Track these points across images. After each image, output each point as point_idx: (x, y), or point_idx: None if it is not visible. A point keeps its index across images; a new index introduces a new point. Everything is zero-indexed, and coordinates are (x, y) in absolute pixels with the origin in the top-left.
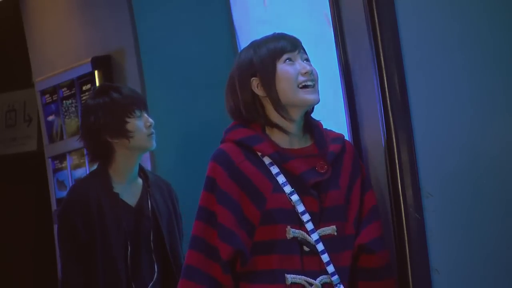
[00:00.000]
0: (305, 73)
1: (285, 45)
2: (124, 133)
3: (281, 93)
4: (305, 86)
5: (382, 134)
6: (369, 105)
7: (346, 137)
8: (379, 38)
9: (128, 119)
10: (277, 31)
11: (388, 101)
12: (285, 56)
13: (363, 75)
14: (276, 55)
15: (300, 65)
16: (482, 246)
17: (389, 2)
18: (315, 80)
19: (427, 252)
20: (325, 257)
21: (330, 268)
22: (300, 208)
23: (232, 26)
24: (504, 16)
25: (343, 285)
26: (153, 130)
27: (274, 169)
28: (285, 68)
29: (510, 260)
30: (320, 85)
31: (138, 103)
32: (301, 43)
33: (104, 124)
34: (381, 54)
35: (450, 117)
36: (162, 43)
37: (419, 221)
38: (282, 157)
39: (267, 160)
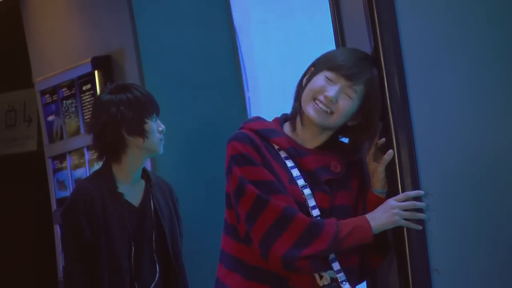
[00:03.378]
0: (325, 96)
1: (341, 67)
2: (142, 132)
3: (303, 98)
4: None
5: (382, 134)
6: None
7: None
8: (379, 38)
9: (146, 120)
10: (278, 33)
11: (388, 101)
12: (328, 74)
13: None
14: (326, 66)
15: (332, 89)
16: (482, 246)
17: (389, 2)
18: (332, 110)
19: (427, 252)
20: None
21: (336, 265)
22: (311, 202)
23: (232, 26)
24: (504, 16)
25: (349, 284)
26: (163, 136)
27: (289, 163)
28: (317, 79)
29: (510, 260)
30: None
31: (156, 107)
32: (364, 80)
33: (125, 119)
34: (381, 54)
35: (450, 117)
36: (162, 43)
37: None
38: (297, 152)
39: (283, 154)
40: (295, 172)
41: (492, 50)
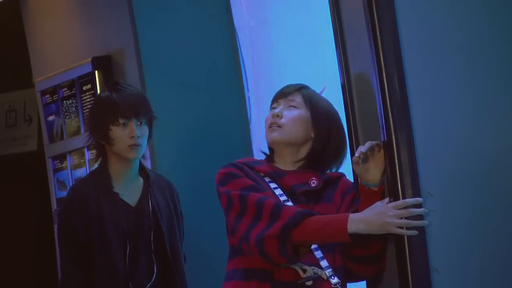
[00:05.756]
0: (272, 115)
1: (276, 93)
2: (106, 139)
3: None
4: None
5: (382, 134)
6: (369, 105)
7: (346, 138)
8: (379, 38)
9: (111, 126)
10: (278, 33)
11: (388, 102)
12: (271, 106)
13: (363, 75)
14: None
15: (276, 109)
16: (482, 246)
17: (389, 2)
18: (280, 124)
19: (427, 252)
20: (318, 253)
21: (324, 263)
22: None
23: (232, 26)
24: (504, 16)
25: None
26: (138, 142)
27: (273, 185)
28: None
29: (510, 260)
30: (320, 86)
31: (125, 111)
32: (296, 89)
33: (91, 125)
34: (381, 55)
35: (450, 117)
36: (162, 43)
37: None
38: (277, 174)
39: (267, 179)
40: (278, 191)
41: (492, 50)
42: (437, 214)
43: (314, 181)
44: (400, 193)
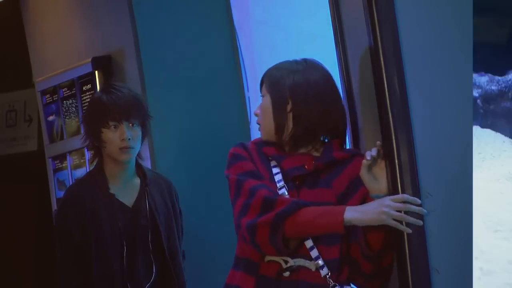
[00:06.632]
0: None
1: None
2: (99, 141)
3: None
4: None
5: (382, 134)
6: (369, 105)
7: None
8: (379, 38)
9: (102, 129)
10: (278, 33)
11: (388, 101)
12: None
13: (363, 75)
14: None
15: None
16: None
17: (389, 2)
18: (259, 121)
19: (427, 252)
20: (308, 243)
21: (314, 253)
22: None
23: (232, 26)
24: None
25: (327, 267)
26: (128, 144)
27: (276, 170)
28: None
29: None
30: None
31: (115, 114)
32: (264, 79)
33: (85, 127)
34: (381, 55)
35: (450, 117)
36: (162, 43)
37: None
38: (279, 158)
39: (273, 163)
40: (278, 177)
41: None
42: (437, 214)
43: (309, 164)
44: (400, 193)
